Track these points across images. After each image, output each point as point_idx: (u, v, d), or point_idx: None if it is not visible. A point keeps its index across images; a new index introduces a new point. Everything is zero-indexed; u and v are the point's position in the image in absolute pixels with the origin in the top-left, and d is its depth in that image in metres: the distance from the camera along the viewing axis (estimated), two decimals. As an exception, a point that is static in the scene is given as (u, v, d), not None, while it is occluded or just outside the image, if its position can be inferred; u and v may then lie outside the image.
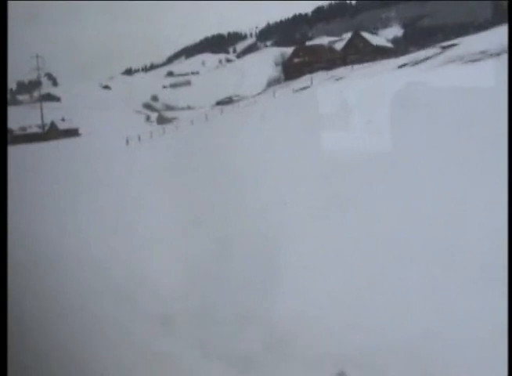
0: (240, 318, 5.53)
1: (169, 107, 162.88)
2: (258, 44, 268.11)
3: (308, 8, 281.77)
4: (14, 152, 43.04)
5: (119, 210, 12.56)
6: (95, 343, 5.15)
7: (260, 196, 11.19)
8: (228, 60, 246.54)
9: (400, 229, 7.69)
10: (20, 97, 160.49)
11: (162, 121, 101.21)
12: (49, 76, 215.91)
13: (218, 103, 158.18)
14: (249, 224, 9.23)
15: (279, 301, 5.86)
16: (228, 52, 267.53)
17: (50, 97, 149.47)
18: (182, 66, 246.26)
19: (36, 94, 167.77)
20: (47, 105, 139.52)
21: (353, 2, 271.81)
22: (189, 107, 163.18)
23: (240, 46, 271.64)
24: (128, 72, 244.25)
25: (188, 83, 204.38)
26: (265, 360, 4.69)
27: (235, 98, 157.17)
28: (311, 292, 6.07)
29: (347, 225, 8.49)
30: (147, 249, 8.84)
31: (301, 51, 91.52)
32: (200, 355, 4.92)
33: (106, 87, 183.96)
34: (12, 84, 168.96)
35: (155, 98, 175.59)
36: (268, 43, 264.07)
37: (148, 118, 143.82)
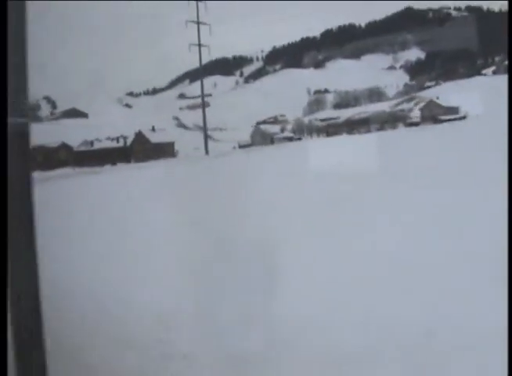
0: (241, 318, 5.25)
1: (200, 128, 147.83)
2: (267, 67, 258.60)
3: (315, 31, 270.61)
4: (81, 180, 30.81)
5: (120, 210, 12.37)
6: (93, 343, 4.93)
7: (261, 198, 11.53)
8: (246, 81, 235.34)
9: (399, 232, 7.72)
10: (40, 113, 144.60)
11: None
12: (48, 99, 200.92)
13: (259, 124, 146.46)
14: (250, 225, 8.98)
15: (281, 301, 5.55)
16: (234, 76, 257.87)
17: (76, 113, 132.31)
18: (193, 88, 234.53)
19: (57, 110, 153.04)
20: (73, 122, 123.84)
21: (362, 25, 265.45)
22: (220, 129, 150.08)
23: (247, 70, 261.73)
24: (131, 95, 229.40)
25: (207, 105, 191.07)
26: (266, 360, 4.52)
27: (280, 118, 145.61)
28: (312, 292, 5.84)
29: (348, 227, 8.46)
30: (147, 249, 8.42)
31: None
32: (200, 355, 4.68)
33: (127, 105, 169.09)
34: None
35: (176, 118, 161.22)
36: (277, 67, 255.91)
37: (209, 136, 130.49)
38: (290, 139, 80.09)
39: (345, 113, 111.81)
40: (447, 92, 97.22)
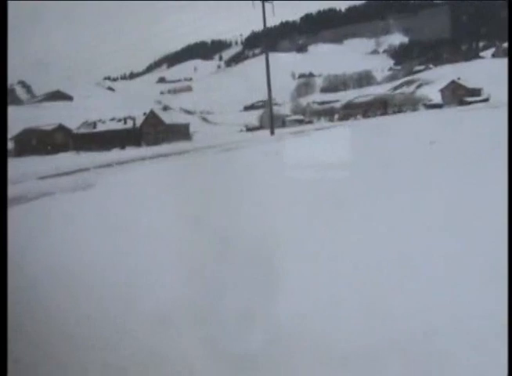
0: (242, 317, 5.24)
1: (187, 111, 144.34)
2: (246, 52, 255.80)
3: (294, 15, 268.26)
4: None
5: (120, 208, 11.00)
6: (94, 343, 4.92)
7: (262, 195, 10.49)
8: (228, 65, 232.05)
9: (400, 230, 7.32)
10: (21, 96, 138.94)
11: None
12: (23, 84, 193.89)
13: (247, 108, 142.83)
14: (250, 223, 8.20)
15: (282, 300, 5.44)
16: (213, 60, 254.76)
17: (60, 95, 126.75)
18: (172, 72, 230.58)
19: (39, 93, 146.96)
20: (58, 104, 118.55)
21: (343, 10, 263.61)
22: (208, 112, 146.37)
23: (227, 54, 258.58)
24: (108, 79, 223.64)
25: (189, 88, 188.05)
26: (267, 360, 4.48)
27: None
28: (313, 291, 5.67)
29: (350, 225, 7.87)
30: (147, 248, 7.71)
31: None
32: (200, 355, 4.66)
33: (110, 88, 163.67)
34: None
35: (159, 102, 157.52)
36: (257, 51, 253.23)
37: (204, 119, 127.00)
38: (300, 122, 76.77)
39: (344, 97, 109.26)
40: (449, 75, 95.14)
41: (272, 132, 44.03)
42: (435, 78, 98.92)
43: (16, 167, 34.00)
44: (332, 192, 10.50)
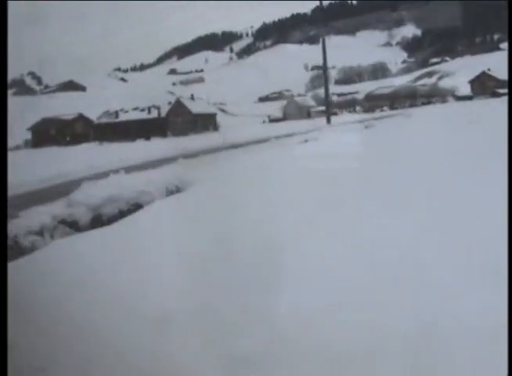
0: (241, 318, 5.26)
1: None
2: (257, 43, 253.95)
3: (305, 7, 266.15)
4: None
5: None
6: (93, 344, 4.95)
7: (262, 195, 10.89)
8: (240, 57, 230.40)
9: (400, 227, 7.44)
10: (34, 86, 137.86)
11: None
12: (33, 75, 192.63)
13: (262, 100, 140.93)
14: (250, 223, 8.55)
15: (281, 300, 5.52)
16: (224, 51, 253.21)
17: (74, 86, 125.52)
18: (183, 64, 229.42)
19: (52, 83, 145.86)
20: (72, 94, 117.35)
21: (354, 2, 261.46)
22: (221, 104, 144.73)
23: (237, 46, 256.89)
24: (119, 70, 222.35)
25: (201, 80, 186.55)
26: (266, 361, 4.51)
27: (286, 93, 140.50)
28: (312, 291, 5.73)
29: (349, 224, 8.08)
30: (147, 248, 7.93)
31: None
32: (200, 355, 4.68)
33: (122, 79, 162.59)
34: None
35: (171, 93, 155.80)
36: (268, 43, 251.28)
37: (222, 110, 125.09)
38: (324, 113, 75.58)
39: (360, 88, 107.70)
40: (469, 67, 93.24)
41: (329, 121, 43.13)
42: (455, 70, 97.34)
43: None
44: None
